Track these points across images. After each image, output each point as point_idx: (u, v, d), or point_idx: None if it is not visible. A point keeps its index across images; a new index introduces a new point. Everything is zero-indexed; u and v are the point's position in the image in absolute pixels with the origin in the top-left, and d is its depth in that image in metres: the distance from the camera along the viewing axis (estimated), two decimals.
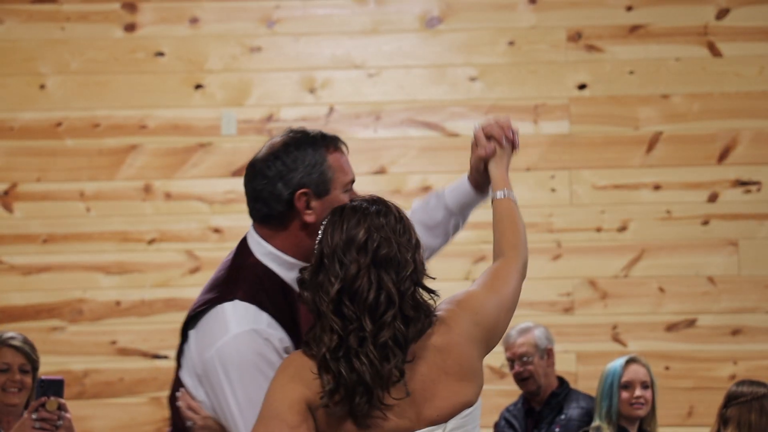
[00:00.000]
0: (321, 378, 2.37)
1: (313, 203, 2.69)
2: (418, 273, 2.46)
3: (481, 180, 2.91)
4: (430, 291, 2.49)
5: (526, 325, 5.58)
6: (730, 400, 4.83)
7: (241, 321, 2.61)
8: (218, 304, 2.65)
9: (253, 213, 2.75)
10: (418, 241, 2.52)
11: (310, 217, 2.68)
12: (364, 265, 2.40)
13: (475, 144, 2.89)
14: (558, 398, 5.42)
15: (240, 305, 2.64)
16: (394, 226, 2.47)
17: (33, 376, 4.74)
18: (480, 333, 2.49)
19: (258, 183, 2.72)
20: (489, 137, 2.86)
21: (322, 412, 2.39)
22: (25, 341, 4.74)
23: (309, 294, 2.45)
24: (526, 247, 2.69)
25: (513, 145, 2.87)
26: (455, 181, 3.00)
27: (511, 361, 5.47)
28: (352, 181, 2.76)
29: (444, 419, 2.41)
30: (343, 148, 2.78)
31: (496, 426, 5.55)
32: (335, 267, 2.42)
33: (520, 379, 5.44)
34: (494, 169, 2.82)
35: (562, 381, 5.52)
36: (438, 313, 2.49)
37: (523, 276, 2.65)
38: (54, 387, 4.11)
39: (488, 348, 2.53)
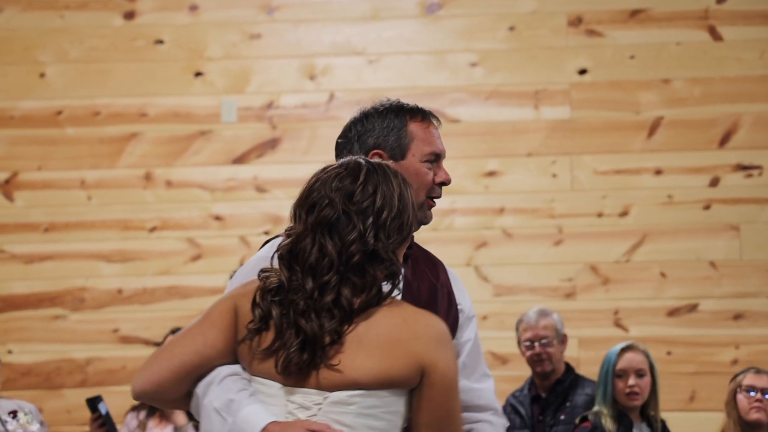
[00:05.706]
0: (252, 311, 2.35)
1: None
2: (366, 242, 2.33)
3: None
4: (385, 261, 2.35)
5: (542, 308, 5.56)
6: None
7: (266, 250, 2.69)
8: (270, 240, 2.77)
9: None
10: (384, 210, 2.37)
11: None
12: (309, 226, 2.35)
13: None
14: (563, 385, 5.41)
15: (279, 239, 2.69)
16: (350, 190, 2.36)
17: None
18: (412, 356, 2.30)
19: (340, 142, 2.84)
20: None
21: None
22: None
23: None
24: None
25: None
26: None
27: (531, 341, 5.43)
28: (436, 155, 2.87)
29: (328, 388, 2.29)
30: (434, 122, 2.90)
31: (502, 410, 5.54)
32: (293, 223, 2.40)
33: (537, 360, 5.41)
34: None
35: (568, 367, 5.51)
36: (396, 297, 2.38)
37: None
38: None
39: (398, 368, 2.30)
